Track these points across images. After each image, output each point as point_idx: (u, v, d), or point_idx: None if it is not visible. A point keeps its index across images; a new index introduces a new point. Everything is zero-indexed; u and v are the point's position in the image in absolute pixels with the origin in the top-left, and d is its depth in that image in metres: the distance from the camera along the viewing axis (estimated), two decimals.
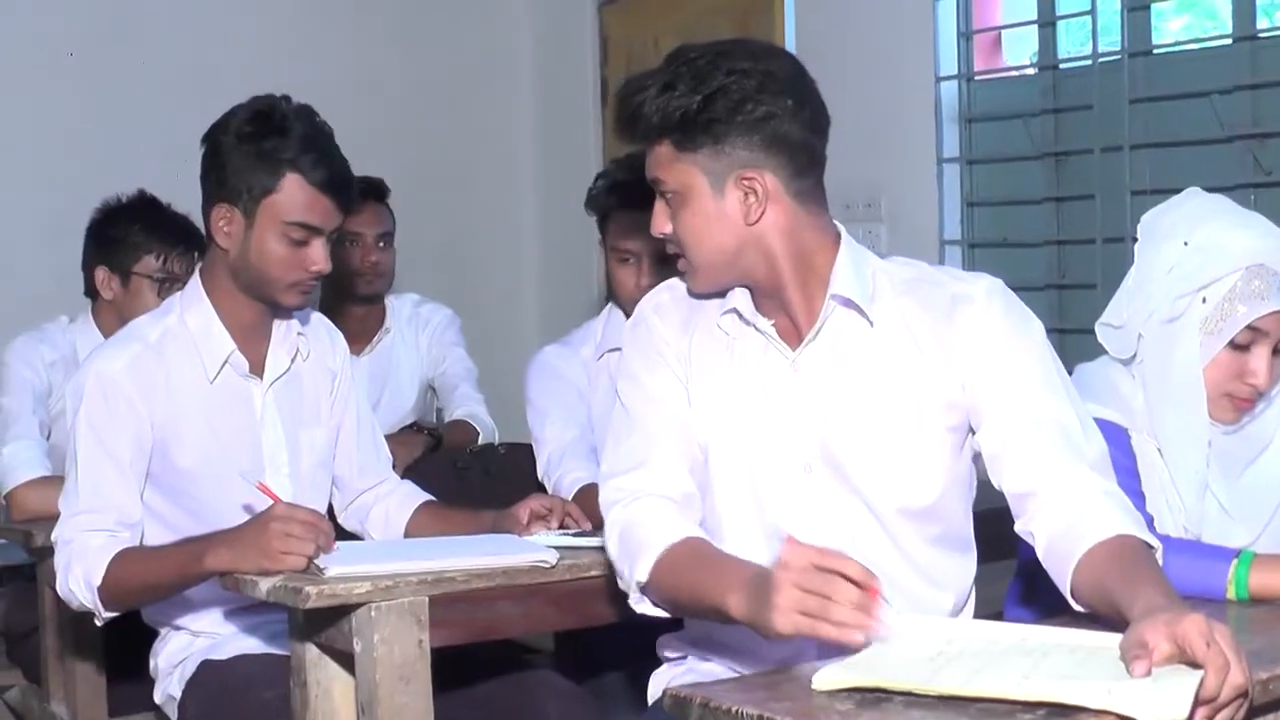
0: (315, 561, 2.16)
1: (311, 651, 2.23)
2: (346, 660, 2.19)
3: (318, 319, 2.66)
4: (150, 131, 4.39)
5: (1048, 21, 3.77)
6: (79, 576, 2.32)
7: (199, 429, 2.45)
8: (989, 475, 1.94)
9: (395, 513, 2.65)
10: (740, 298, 1.98)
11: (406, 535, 2.64)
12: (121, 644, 2.85)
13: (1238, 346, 2.04)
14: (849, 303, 1.94)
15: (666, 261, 2.78)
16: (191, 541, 2.29)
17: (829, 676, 1.50)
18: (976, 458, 1.98)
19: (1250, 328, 2.03)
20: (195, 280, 2.51)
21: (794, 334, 1.97)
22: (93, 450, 2.38)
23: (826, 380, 1.95)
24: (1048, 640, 1.61)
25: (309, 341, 2.57)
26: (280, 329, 2.53)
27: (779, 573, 1.61)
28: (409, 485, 2.72)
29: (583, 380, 2.90)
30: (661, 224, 1.98)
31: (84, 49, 4.46)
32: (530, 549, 2.29)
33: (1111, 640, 1.57)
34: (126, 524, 2.38)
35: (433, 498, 2.70)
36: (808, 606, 1.58)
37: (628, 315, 2.89)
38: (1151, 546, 1.79)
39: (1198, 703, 1.41)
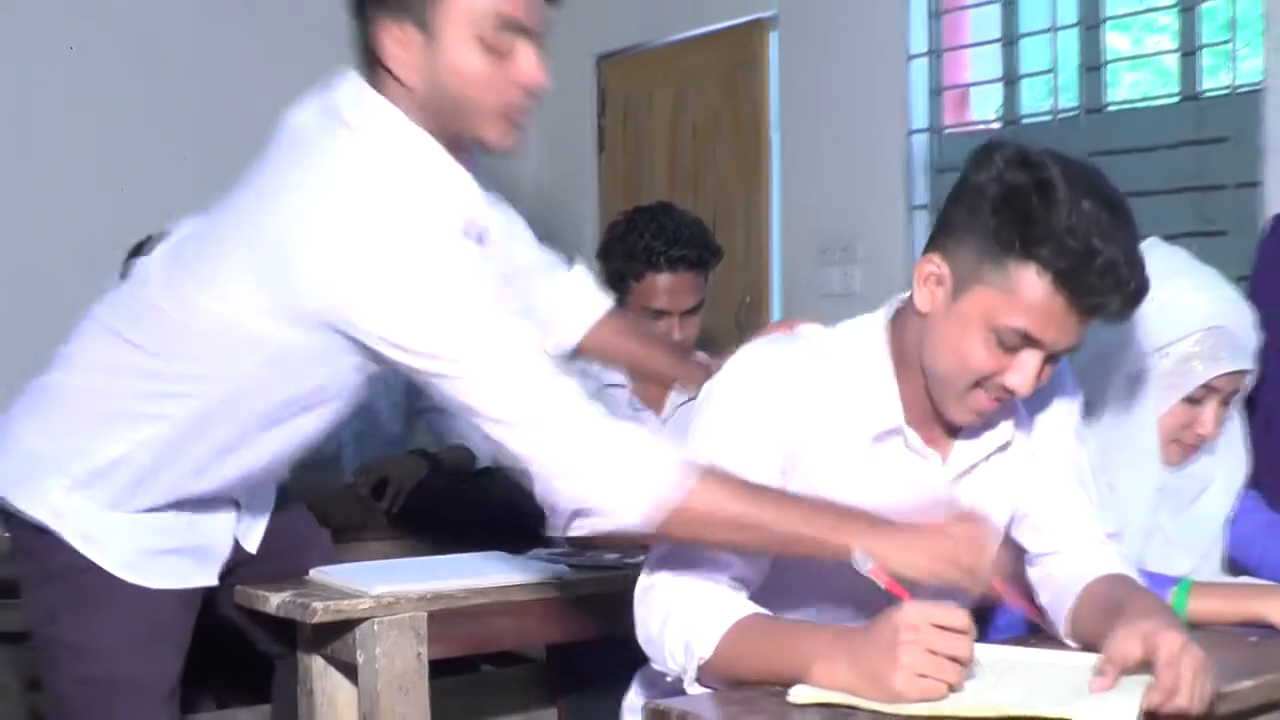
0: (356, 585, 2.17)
1: (318, 663, 2.31)
2: (350, 671, 2.27)
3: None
4: (161, 135, 4.41)
5: (1011, 80, 3.96)
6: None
7: None
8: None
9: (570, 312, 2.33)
10: None
11: (581, 345, 2.35)
12: None
13: (1190, 400, 2.10)
14: None
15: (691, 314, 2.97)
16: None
17: (805, 692, 1.54)
18: None
19: (1205, 385, 2.10)
20: (390, 110, 1.85)
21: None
22: None
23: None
24: (1013, 658, 1.65)
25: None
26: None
27: (905, 633, 1.49)
28: (588, 285, 2.38)
29: None
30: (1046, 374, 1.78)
31: (84, 47, 4.42)
32: (529, 569, 2.38)
33: (1074, 659, 1.64)
34: None
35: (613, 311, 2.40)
36: (929, 668, 1.49)
37: None
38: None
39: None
